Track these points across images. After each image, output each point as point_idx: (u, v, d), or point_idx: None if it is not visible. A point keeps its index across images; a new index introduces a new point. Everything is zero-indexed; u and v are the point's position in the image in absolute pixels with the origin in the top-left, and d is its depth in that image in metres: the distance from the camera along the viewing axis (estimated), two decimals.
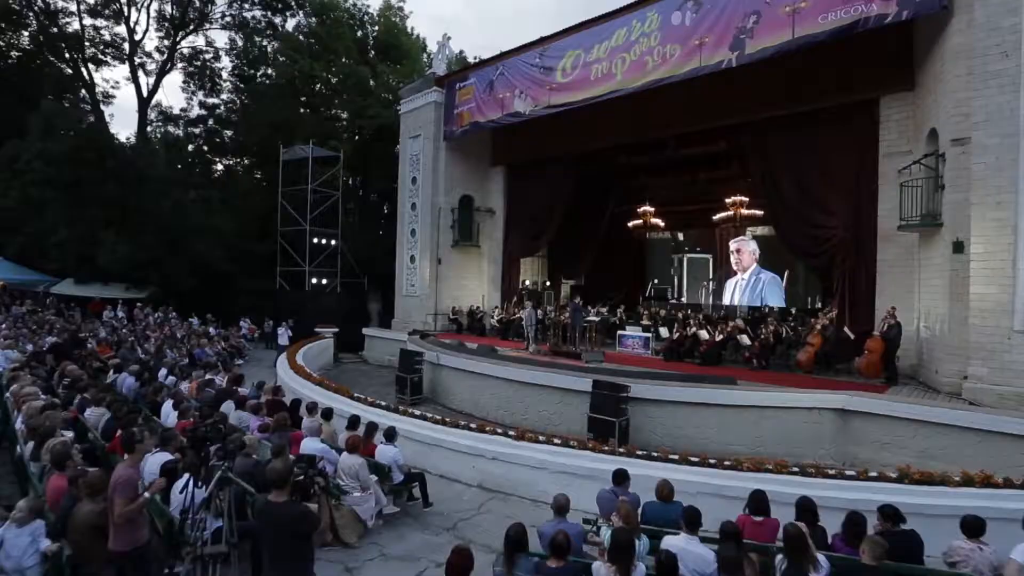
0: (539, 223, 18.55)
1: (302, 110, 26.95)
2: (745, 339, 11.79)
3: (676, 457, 6.00)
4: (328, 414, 6.72)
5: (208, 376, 9.93)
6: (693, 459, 5.95)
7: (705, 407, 8.95)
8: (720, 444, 8.90)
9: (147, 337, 13.52)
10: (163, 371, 9.65)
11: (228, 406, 7.00)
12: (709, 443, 8.95)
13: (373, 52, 28.87)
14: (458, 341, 14.51)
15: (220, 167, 27.87)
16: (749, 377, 10.51)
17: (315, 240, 21.27)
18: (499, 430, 7.25)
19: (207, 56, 25.52)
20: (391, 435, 5.78)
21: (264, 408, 6.51)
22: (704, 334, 12.35)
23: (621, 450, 6.28)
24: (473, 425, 7.32)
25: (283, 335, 16.81)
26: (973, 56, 8.94)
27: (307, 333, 19.24)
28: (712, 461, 5.91)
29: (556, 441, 6.68)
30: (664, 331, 13.21)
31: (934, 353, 9.77)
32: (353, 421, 6.27)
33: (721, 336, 11.93)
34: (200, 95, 25.67)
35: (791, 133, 12.59)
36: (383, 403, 8.56)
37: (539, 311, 15.71)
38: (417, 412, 7.99)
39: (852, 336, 10.71)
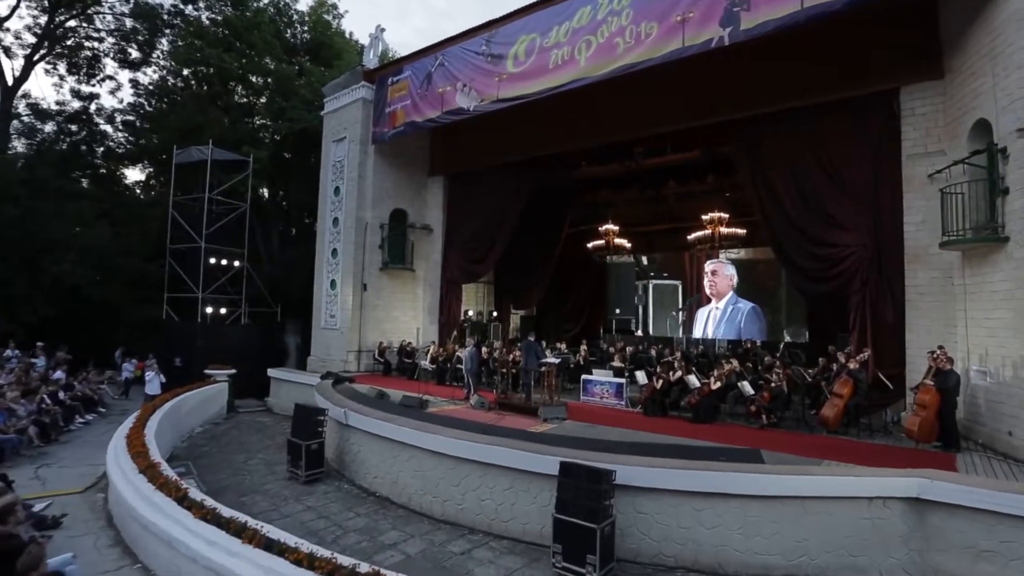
0: (485, 243, 15.72)
1: (226, 122, 23.10)
2: (748, 387, 9.19)
3: None
4: None
5: None
6: None
7: (722, 498, 6.13)
8: (745, 552, 6.10)
9: None
10: None
11: None
12: (728, 551, 6.14)
13: (306, 56, 25.64)
14: (379, 390, 11.22)
15: (106, 172, 23.41)
16: (759, 441, 7.86)
17: (212, 260, 17.43)
18: None
19: (85, 36, 21.33)
20: None
21: None
22: (693, 380, 9.69)
23: None
24: (364, 570, 4.12)
25: (153, 380, 12.88)
26: None
27: (199, 375, 15.39)
28: None
29: None
30: (641, 375, 10.46)
31: (1001, 408, 7.43)
32: None
33: (718, 383, 9.27)
34: (71, 81, 21.34)
35: (792, 133, 10.45)
36: (225, 513, 5.24)
37: (484, 350, 12.70)
38: (275, 535, 4.73)
39: (891, 385, 8.30)
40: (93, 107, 22.33)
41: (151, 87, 24.30)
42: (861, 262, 9.38)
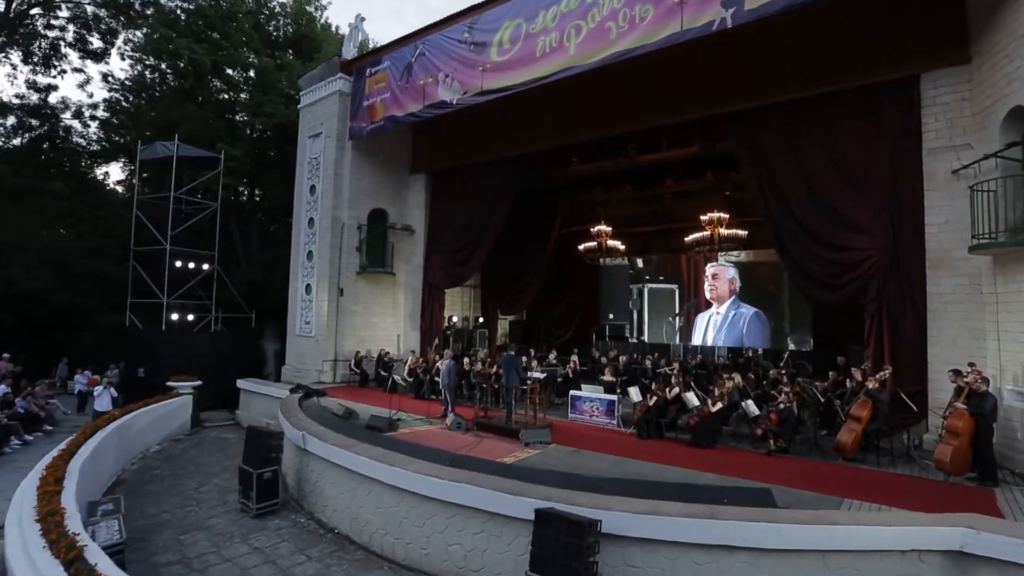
0: (470, 245, 14.76)
1: (214, 121, 21.96)
2: (752, 407, 8.25)
3: None
4: None
5: None
6: None
7: (727, 551, 5.18)
8: None
9: None
10: None
11: None
12: None
13: (289, 50, 24.58)
14: (346, 407, 10.23)
15: (73, 170, 22.25)
16: (767, 471, 6.94)
17: (179, 263, 16.39)
18: None
19: (45, 24, 20.14)
20: None
21: None
22: (692, 398, 8.75)
23: None
24: None
25: (102, 395, 11.80)
26: None
27: (164, 386, 14.32)
28: None
29: None
30: (634, 392, 9.50)
31: None
32: None
33: (719, 404, 8.32)
34: (26, 71, 20.16)
35: (799, 125, 9.54)
36: None
37: (465, 361, 11.73)
38: None
39: (914, 406, 7.38)
40: (59, 101, 21.24)
41: (127, 82, 23.25)
42: (877, 267, 8.48)
